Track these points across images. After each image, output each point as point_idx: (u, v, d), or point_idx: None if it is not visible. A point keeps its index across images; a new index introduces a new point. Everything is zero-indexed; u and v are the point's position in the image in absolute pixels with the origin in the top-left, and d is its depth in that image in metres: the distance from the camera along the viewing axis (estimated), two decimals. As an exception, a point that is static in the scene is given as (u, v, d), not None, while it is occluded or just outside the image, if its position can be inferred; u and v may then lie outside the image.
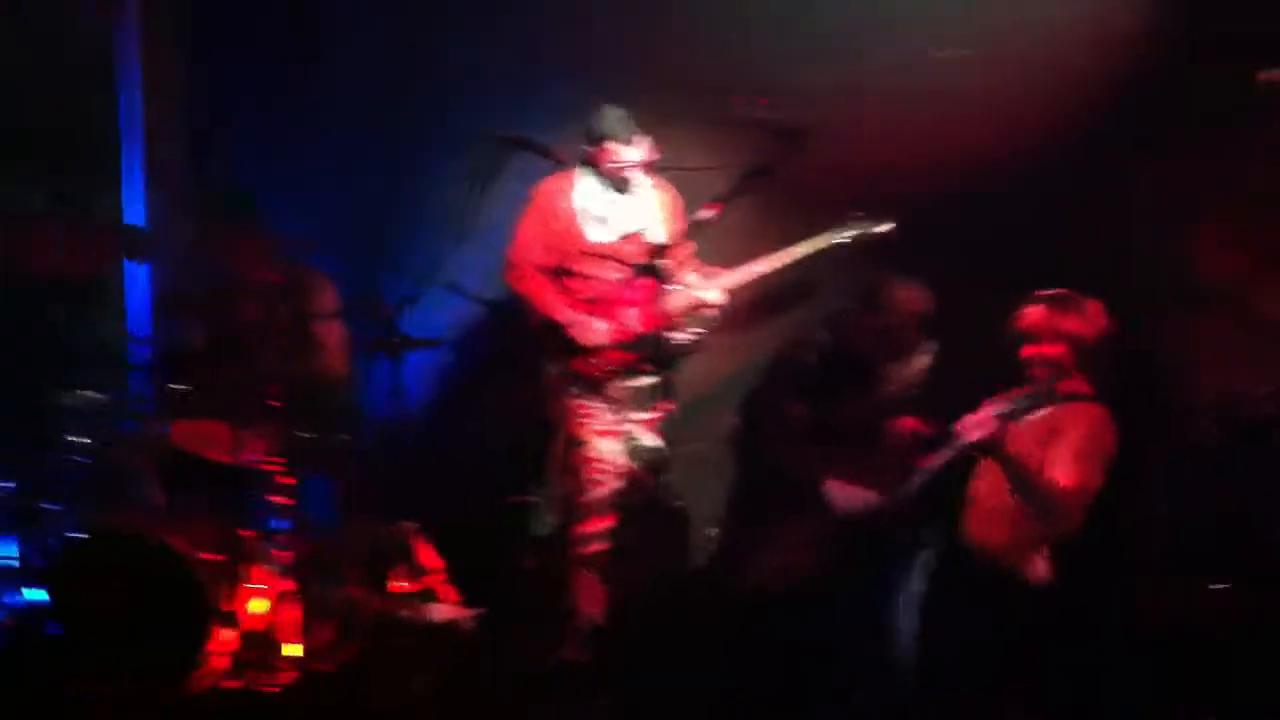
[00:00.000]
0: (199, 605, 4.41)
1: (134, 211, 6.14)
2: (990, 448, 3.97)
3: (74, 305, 5.63)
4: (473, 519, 5.36)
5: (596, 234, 5.05)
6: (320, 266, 5.27)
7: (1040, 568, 4.03)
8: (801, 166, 4.99)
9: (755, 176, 4.78)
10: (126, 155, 6.22)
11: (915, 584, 3.94)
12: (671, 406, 4.81)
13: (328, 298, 5.26)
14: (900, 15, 5.32)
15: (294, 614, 4.55)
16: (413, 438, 5.19)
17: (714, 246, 5.10)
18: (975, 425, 4.02)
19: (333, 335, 5.22)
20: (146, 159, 6.19)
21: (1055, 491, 3.95)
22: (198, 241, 6.08)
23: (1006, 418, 4.01)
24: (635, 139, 4.94)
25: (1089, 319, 4.09)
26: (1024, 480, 3.97)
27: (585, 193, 5.05)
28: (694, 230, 4.98)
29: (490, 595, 5.01)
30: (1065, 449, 3.99)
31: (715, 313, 4.99)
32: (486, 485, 5.55)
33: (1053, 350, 4.08)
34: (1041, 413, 4.08)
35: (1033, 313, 4.13)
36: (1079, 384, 4.09)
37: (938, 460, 4.11)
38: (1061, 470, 3.97)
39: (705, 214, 4.88)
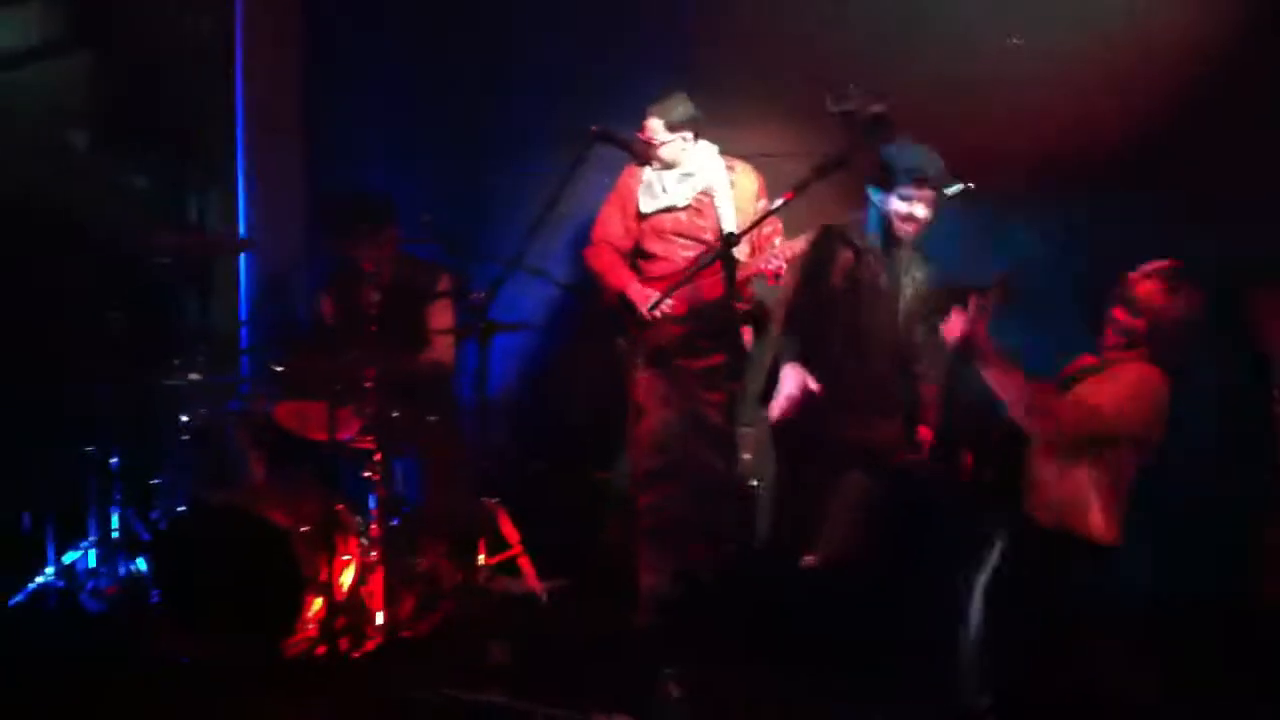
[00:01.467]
0: (294, 575, 4.65)
1: (246, 199, 6.43)
2: (969, 345, 4.06)
3: (186, 289, 5.95)
4: (555, 493, 5.51)
5: (651, 207, 5.25)
6: (431, 256, 5.50)
7: (1097, 521, 4.05)
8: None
9: (832, 165, 4.80)
10: (241, 143, 6.52)
11: (985, 571, 4.02)
12: (740, 386, 4.87)
13: (438, 286, 5.49)
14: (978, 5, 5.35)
15: (380, 584, 4.78)
16: (499, 416, 5.36)
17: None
18: (952, 327, 4.12)
19: (441, 323, 5.47)
20: (258, 148, 6.50)
21: (1091, 414, 4.01)
22: (307, 229, 6.43)
23: (977, 311, 4.07)
24: (656, 117, 5.13)
25: (1180, 300, 4.11)
26: (1003, 379, 4.03)
27: (650, 173, 5.27)
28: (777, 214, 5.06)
29: (569, 567, 5.16)
30: (1111, 386, 4.05)
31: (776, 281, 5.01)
32: (569, 460, 5.74)
33: (1134, 321, 4.12)
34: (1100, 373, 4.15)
35: (1137, 280, 4.15)
36: (1140, 354, 4.13)
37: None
38: (1107, 400, 4.02)
39: (779, 202, 4.96)
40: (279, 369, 5.21)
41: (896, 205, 4.60)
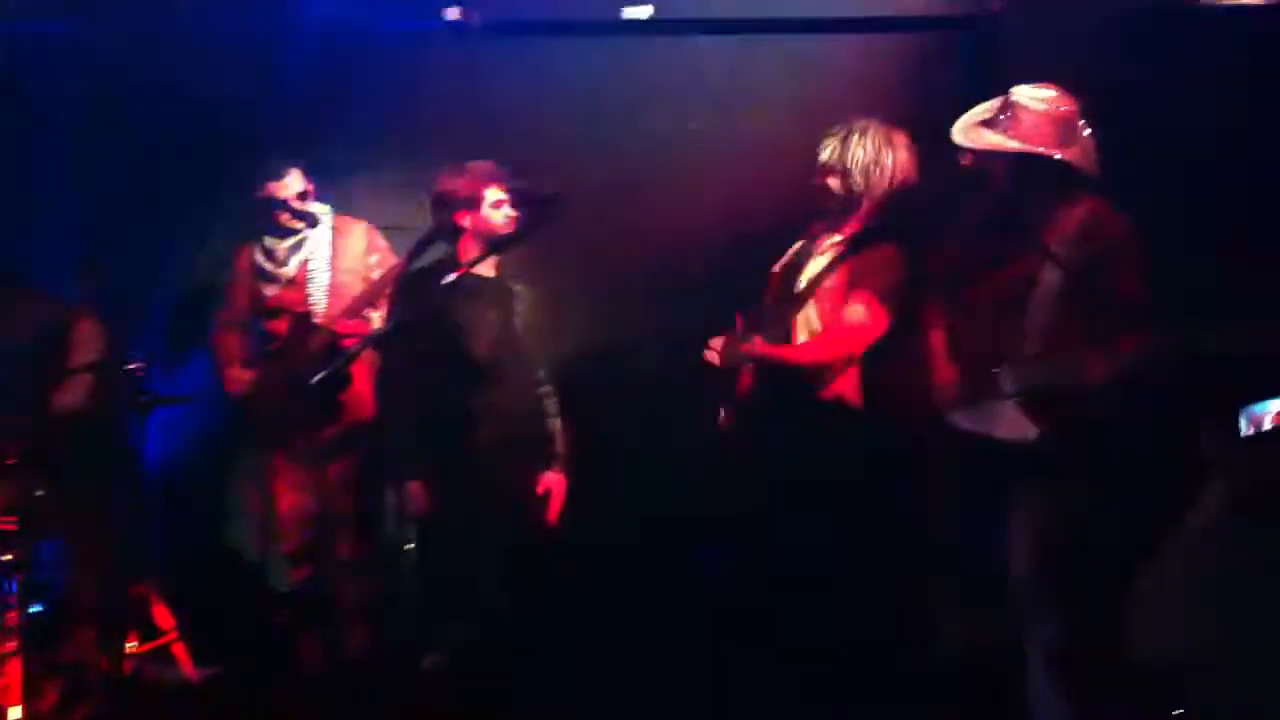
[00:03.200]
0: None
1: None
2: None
3: None
4: (216, 575, 5.32)
5: (263, 285, 5.19)
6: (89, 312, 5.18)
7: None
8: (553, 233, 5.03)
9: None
10: None
11: None
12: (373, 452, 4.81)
13: (84, 347, 5.16)
14: (661, 86, 5.50)
15: (17, 676, 4.44)
16: (154, 496, 5.12)
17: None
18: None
19: (77, 387, 5.13)
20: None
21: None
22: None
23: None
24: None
25: None
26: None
27: (261, 252, 5.20)
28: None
29: (228, 652, 4.98)
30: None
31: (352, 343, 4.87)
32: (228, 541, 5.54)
33: None
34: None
35: None
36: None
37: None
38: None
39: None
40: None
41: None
